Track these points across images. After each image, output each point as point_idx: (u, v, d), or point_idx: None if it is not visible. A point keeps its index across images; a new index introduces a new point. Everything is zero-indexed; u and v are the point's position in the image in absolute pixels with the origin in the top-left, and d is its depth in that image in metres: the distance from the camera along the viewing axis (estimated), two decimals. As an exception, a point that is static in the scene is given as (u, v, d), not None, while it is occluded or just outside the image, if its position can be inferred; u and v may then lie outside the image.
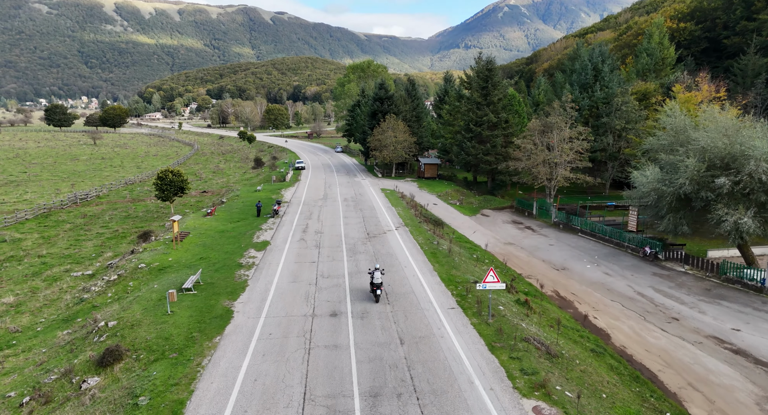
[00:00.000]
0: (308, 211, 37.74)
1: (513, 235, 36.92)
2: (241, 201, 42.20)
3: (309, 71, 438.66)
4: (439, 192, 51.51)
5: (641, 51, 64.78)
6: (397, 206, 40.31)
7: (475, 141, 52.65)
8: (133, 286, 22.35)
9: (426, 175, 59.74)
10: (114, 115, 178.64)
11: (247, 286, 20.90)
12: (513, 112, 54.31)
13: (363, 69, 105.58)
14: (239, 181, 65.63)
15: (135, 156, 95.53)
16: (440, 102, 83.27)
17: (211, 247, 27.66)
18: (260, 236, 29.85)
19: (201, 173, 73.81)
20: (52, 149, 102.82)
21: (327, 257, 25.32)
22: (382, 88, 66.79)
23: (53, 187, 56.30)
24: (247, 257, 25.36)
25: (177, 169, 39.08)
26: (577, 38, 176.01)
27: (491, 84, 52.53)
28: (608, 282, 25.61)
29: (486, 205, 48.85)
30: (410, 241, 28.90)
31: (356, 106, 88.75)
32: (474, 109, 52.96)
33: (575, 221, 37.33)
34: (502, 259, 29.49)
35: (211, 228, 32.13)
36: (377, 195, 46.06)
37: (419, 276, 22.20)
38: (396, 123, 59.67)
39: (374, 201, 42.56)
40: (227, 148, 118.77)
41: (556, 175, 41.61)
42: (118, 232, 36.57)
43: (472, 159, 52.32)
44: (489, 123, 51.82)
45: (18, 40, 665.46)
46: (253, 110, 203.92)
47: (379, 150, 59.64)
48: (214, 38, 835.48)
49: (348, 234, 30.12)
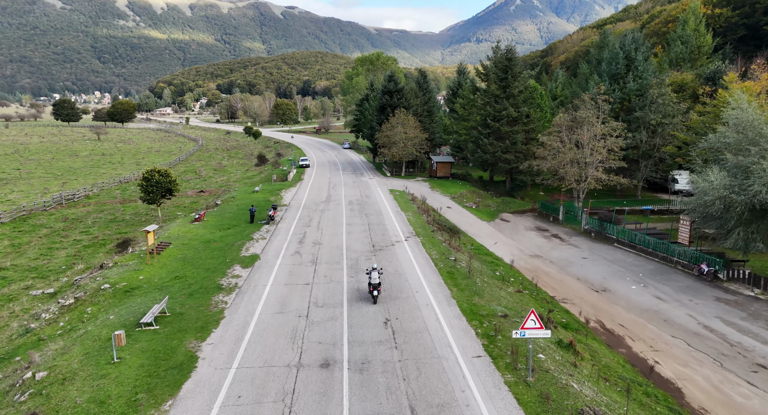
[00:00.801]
0: (308, 216, 33.78)
1: (539, 245, 32.56)
2: (236, 204, 38.41)
3: (319, 66, 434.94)
4: (453, 193, 47.19)
5: (674, 39, 59.42)
6: (407, 211, 36.17)
7: (493, 137, 48.14)
8: (91, 313, 18.62)
9: (438, 174, 55.38)
10: (122, 110, 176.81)
11: (223, 318, 17.00)
12: (534, 106, 49.61)
13: (372, 61, 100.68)
14: (240, 179, 62.03)
15: (137, 152, 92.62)
16: (453, 95, 78.58)
17: (192, 261, 23.86)
18: (250, 248, 25.99)
19: (201, 171, 70.40)
20: (54, 145, 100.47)
21: (324, 277, 21.32)
22: (391, 81, 62.41)
23: (43, 185, 53.24)
24: (230, 277, 21.48)
25: (165, 169, 35.40)
26: (594, 29, 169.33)
27: (511, 75, 47.89)
28: (663, 310, 21.22)
29: (505, 209, 44.45)
30: (422, 255, 24.77)
31: (364, 100, 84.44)
32: (492, 103, 48.41)
33: (610, 229, 32.81)
34: (530, 277, 25.22)
35: (197, 237, 28.36)
36: (385, 197, 41.94)
37: (434, 306, 18.10)
38: (406, 118, 55.36)
39: (382, 204, 38.46)
40: (233, 143, 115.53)
41: (587, 177, 37.06)
42: (98, 238, 33.05)
43: (489, 157, 47.85)
44: (508, 118, 47.25)
45: (32, 36, 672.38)
46: (261, 105, 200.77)
47: (387, 147, 55.42)
48: (225, 33, 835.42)
49: (350, 246, 26.11)
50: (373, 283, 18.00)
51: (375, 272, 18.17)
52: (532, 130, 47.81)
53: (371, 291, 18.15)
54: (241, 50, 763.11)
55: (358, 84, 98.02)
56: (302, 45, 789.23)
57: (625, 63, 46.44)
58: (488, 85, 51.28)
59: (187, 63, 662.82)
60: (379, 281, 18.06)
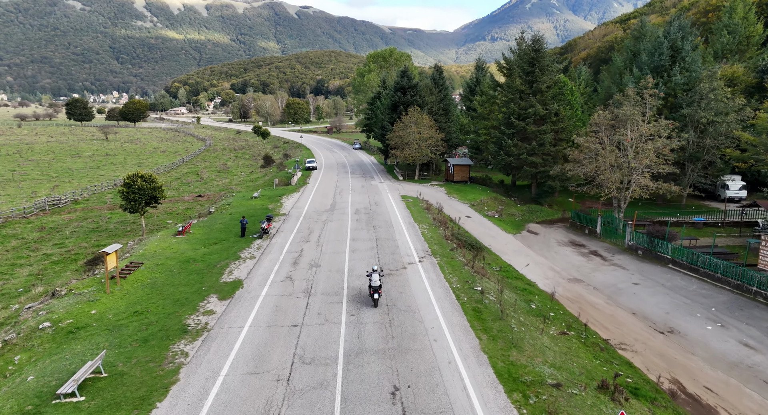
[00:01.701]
0: (308, 229, 29.45)
1: (577, 265, 27.68)
2: (230, 213, 34.31)
3: (332, 65, 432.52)
4: (473, 200, 42.41)
5: (720, 29, 53.53)
6: (422, 222, 31.59)
7: (518, 138, 43.24)
8: (18, 364, 14.55)
9: (455, 178, 50.54)
10: (134, 110, 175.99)
11: (176, 383, 12.71)
12: (564, 103, 44.50)
13: (385, 58, 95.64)
14: (243, 182, 58.23)
15: (141, 152, 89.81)
16: (471, 93, 73.71)
17: (161, 289, 19.71)
18: (233, 271, 21.76)
19: (204, 173, 66.88)
20: (60, 144, 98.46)
21: (317, 315, 16.93)
22: (404, 76, 57.76)
23: (33, 188, 50.11)
24: (201, 313, 17.25)
25: (149, 174, 31.51)
26: (618, 25, 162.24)
27: (538, 68, 42.90)
28: (758, 364, 16.28)
29: (531, 218, 39.54)
30: (440, 283, 20.21)
31: (376, 98, 79.99)
32: (516, 100, 43.51)
33: (662, 247, 27.72)
34: (575, 311, 20.46)
35: (176, 255, 24.26)
36: (396, 205, 37.42)
37: (459, 366, 13.53)
38: (420, 116, 50.71)
39: (392, 214, 33.94)
40: (241, 143, 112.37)
41: (631, 183, 31.96)
42: (71, 253, 29.28)
43: (513, 160, 42.93)
44: (535, 116, 42.29)
45: (53, 37, 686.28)
46: (273, 104, 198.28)
47: (399, 148, 50.82)
48: (240, 33, 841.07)
49: (354, 269, 21.69)
50: (374, 286, 17.27)
51: (375, 274, 17.52)
52: (561, 130, 42.76)
53: (371, 294, 17.37)
54: (255, 50, 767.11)
55: (370, 81, 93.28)
56: (316, 44, 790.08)
57: (670, 54, 41.00)
58: (511, 80, 46.38)
59: (203, 63, 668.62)
60: (380, 284, 17.38)
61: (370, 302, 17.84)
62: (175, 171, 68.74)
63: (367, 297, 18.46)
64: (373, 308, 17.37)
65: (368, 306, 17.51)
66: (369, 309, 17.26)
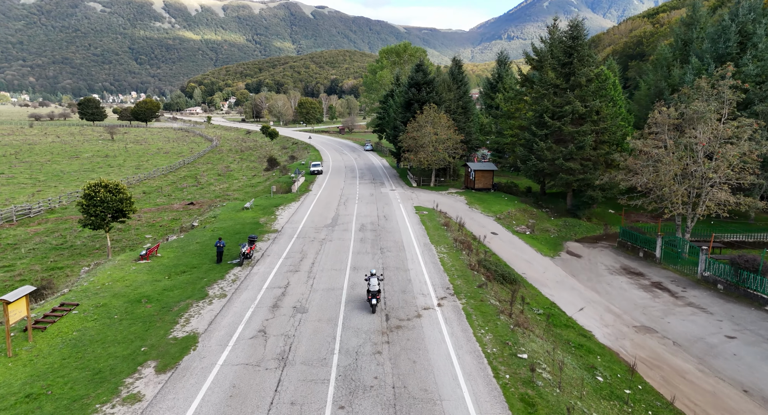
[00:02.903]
0: (300, 252, 23.98)
1: (641, 304, 21.59)
2: (212, 229, 29.05)
3: (347, 64, 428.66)
4: (498, 213, 36.42)
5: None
6: (440, 243, 25.84)
7: (552, 140, 37.13)
8: None
9: (477, 185, 44.48)
10: (145, 110, 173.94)
11: None
12: (606, 100, 38.17)
13: (398, 53, 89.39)
14: (243, 187, 53.28)
15: (143, 154, 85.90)
16: (491, 89, 67.63)
17: (85, 351, 14.41)
18: (191, 320, 16.39)
19: (203, 176, 62.21)
20: (63, 145, 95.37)
21: (290, 405, 11.34)
22: (419, 71, 51.96)
23: (12, 194, 45.89)
24: (121, 400, 11.83)
25: (116, 183, 26.51)
26: (645, 19, 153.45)
27: (577, 59, 36.74)
28: None
29: (569, 235, 33.42)
30: (469, 346, 14.45)
31: (389, 96, 74.30)
32: (550, 96, 37.41)
33: (755, 283, 21.40)
34: (659, 385, 14.48)
35: (126, 291, 19.03)
36: (410, 219, 31.72)
37: None
38: (437, 115, 44.92)
39: (405, 232, 28.26)
40: (249, 144, 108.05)
41: (702, 198, 25.68)
42: (17, 278, 24.36)
43: (546, 166, 36.82)
44: (573, 115, 36.14)
45: (74, 38, 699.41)
46: (285, 104, 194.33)
47: (413, 151, 45.08)
48: (256, 33, 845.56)
49: (350, 319, 16.10)
50: (372, 290, 16.16)
51: (374, 278, 16.41)
52: (603, 131, 36.48)
53: (369, 300, 16.28)
54: (271, 50, 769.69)
55: (383, 79, 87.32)
56: (331, 44, 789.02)
57: (738, 40, 34.37)
58: (543, 74, 40.29)
59: (219, 63, 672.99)
60: (378, 288, 16.21)
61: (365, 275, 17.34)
62: (173, 174, 64.27)
63: (368, 364, 12.91)
64: (373, 354, 11.78)
65: (369, 395, 11.92)
66: (368, 397, 11.66)
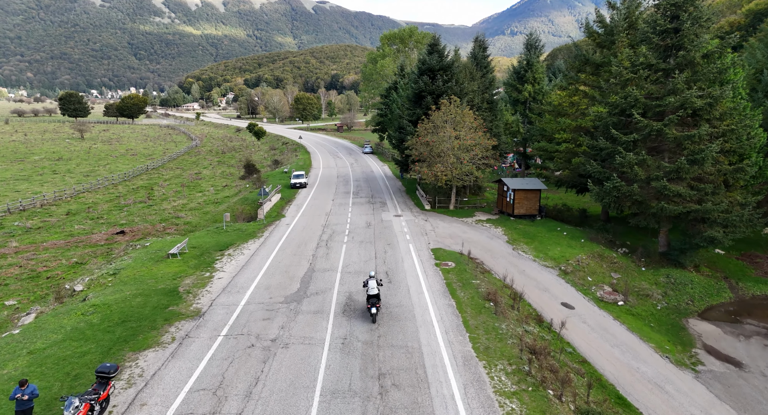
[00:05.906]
0: (217, 388, 11.48)
1: None
2: (81, 312, 16.56)
3: (348, 59, 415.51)
4: (561, 261, 23.69)
5: None
6: (494, 356, 13.18)
7: (644, 149, 24.35)
8: None
9: (517, 211, 31.51)
10: (131, 105, 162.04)
11: None
12: (729, 88, 25.21)
13: (403, 39, 75.69)
14: (204, 204, 40.94)
15: (106, 156, 73.52)
16: (519, 80, 54.65)
17: None
18: None
19: (162, 187, 49.77)
20: (21, 144, 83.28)
21: None
22: (433, 52, 39.13)
23: None
24: None
25: None
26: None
27: (690, 22, 23.84)
28: None
29: (682, 302, 20.83)
30: None
31: (392, 88, 61.65)
32: (640, 81, 24.68)
33: None
34: None
35: None
36: (427, 283, 19.06)
37: None
38: (460, 112, 32.27)
39: (423, 323, 15.54)
40: (235, 144, 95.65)
41: None
42: None
43: (635, 190, 24.00)
44: (685, 110, 23.37)
45: (72, 33, 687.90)
46: (281, 99, 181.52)
47: (427, 163, 32.31)
48: (257, 28, 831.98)
49: None
50: (372, 295, 14.63)
51: (373, 280, 15.01)
52: (730, 135, 23.62)
53: (369, 308, 14.69)
54: (272, 45, 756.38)
55: (384, 69, 74.15)
56: (333, 39, 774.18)
57: None
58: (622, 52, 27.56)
59: (219, 58, 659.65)
60: (377, 292, 14.70)
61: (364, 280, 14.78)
62: (125, 184, 51.87)
63: None
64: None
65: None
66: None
